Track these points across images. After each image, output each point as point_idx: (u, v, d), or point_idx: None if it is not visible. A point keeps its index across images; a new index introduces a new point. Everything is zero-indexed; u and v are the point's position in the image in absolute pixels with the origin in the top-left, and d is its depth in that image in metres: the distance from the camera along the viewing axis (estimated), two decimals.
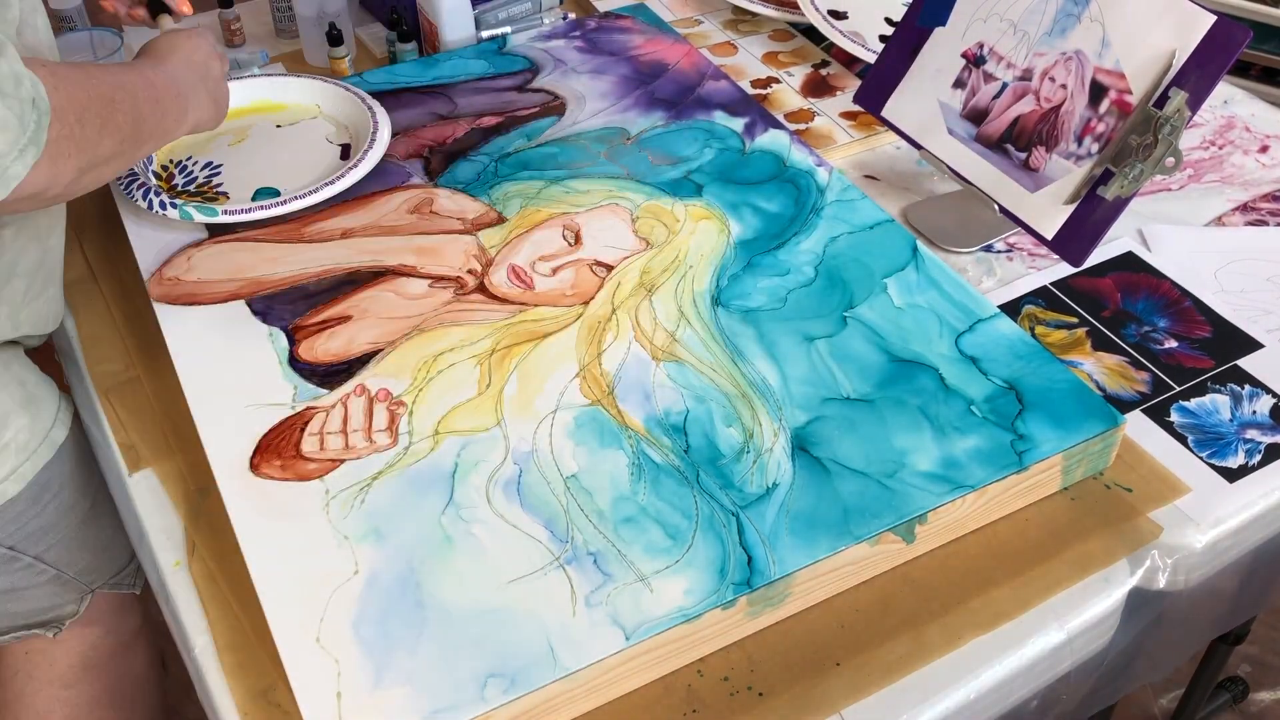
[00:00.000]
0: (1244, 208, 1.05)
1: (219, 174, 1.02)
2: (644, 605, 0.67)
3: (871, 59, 1.12)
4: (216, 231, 0.95)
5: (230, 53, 1.25)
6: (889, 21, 1.23)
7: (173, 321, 0.86)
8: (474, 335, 0.85)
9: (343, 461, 0.76)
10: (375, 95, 1.10)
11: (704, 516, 0.72)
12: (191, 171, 1.02)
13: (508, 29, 1.23)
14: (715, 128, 1.07)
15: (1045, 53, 0.93)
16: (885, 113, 1.05)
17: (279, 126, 1.08)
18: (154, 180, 1.00)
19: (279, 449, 0.77)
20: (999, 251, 1.00)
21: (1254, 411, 0.85)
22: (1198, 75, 0.84)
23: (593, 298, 0.88)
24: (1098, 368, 0.89)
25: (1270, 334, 0.91)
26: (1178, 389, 0.87)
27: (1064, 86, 0.91)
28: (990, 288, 0.96)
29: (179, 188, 1.01)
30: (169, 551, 0.76)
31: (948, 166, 1.00)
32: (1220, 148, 1.12)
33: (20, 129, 0.62)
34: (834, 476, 0.74)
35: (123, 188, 0.97)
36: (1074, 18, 0.91)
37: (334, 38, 1.20)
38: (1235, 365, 0.89)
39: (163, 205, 0.94)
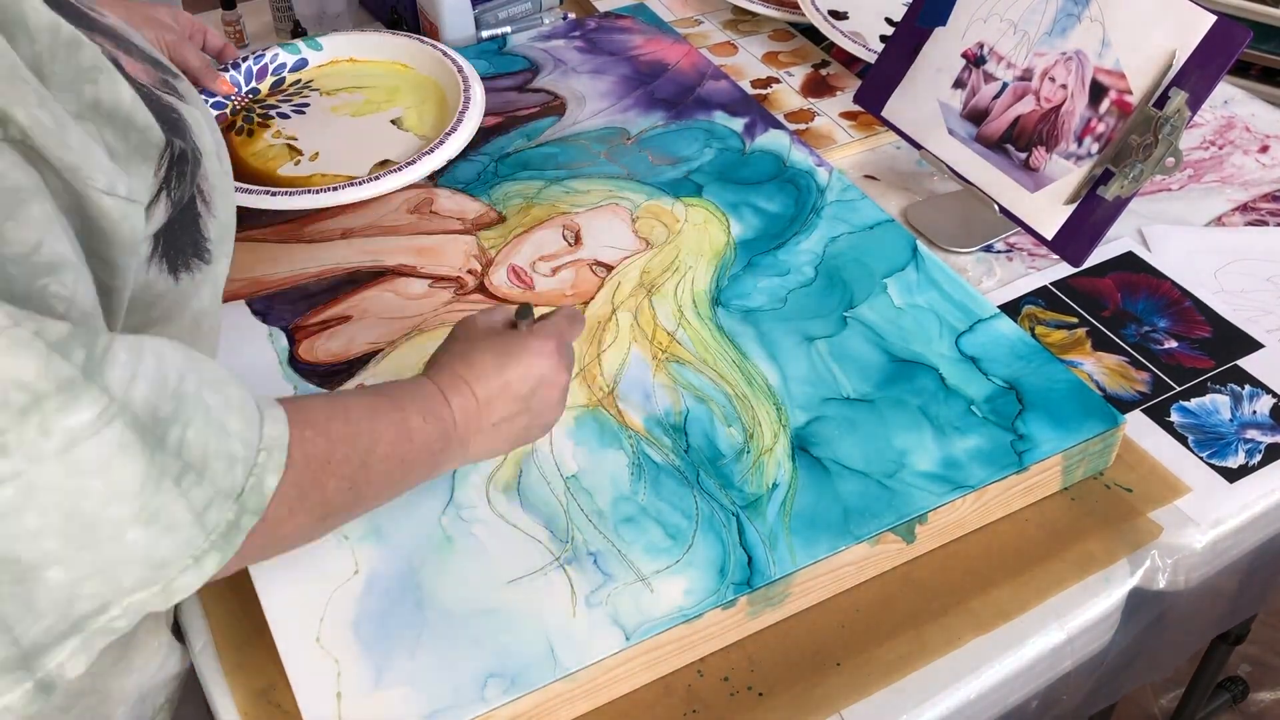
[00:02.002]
0: (1244, 208, 1.05)
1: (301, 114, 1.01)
2: (644, 605, 0.67)
3: (871, 59, 1.12)
4: None
5: None
6: (889, 21, 1.23)
7: None
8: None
9: None
10: None
11: (704, 516, 0.72)
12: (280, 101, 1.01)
13: (508, 29, 1.23)
14: (715, 128, 1.07)
15: (1045, 53, 0.93)
16: (885, 113, 1.05)
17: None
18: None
19: None
20: (999, 251, 1.00)
21: (1254, 411, 0.85)
22: (1198, 75, 0.84)
23: (593, 298, 0.88)
24: (1098, 368, 0.89)
25: (1270, 334, 0.91)
26: (1178, 389, 0.87)
27: (1064, 86, 0.91)
28: (990, 288, 0.96)
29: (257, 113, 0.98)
30: None
31: (948, 166, 1.00)
32: (1220, 148, 1.12)
33: (201, 533, 0.47)
34: (834, 476, 0.74)
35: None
36: (1074, 18, 0.91)
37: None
38: (1235, 365, 0.89)
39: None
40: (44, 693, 0.46)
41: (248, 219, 0.96)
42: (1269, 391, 0.87)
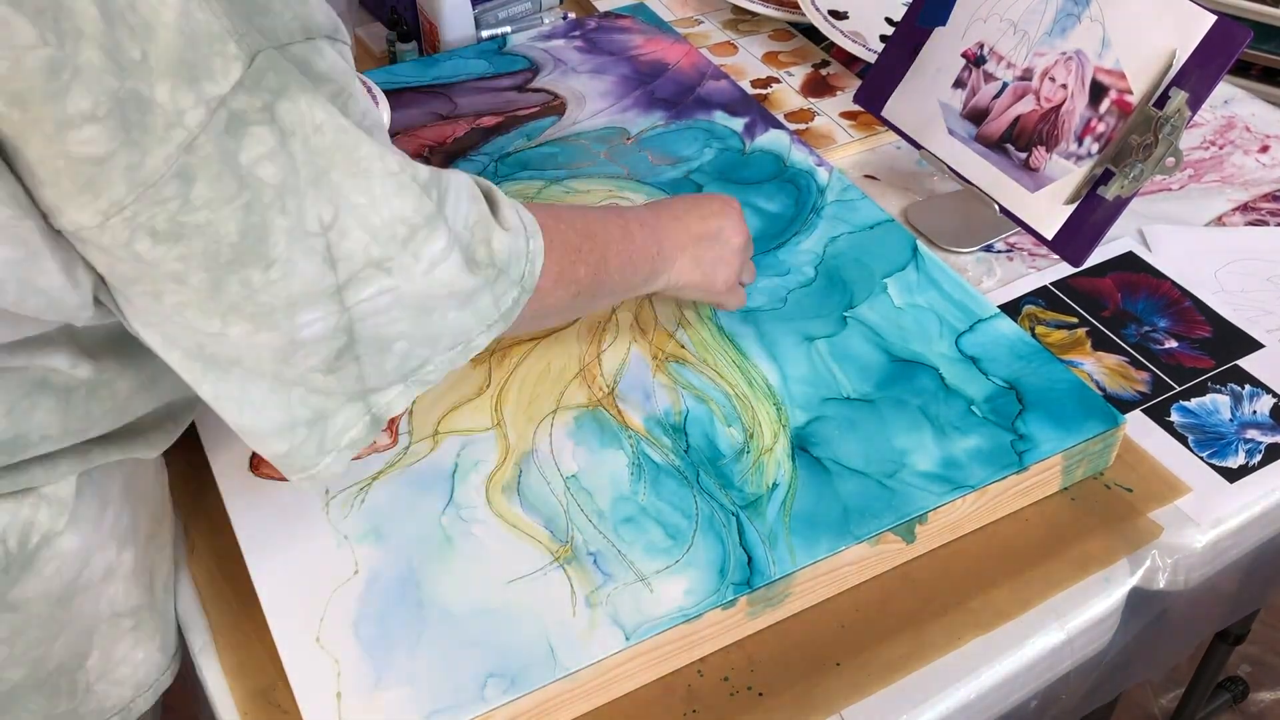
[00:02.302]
0: (1244, 208, 1.05)
1: None
2: (644, 605, 0.67)
3: (872, 59, 1.12)
4: None
5: None
6: (889, 21, 1.23)
7: None
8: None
9: None
10: None
11: (704, 516, 0.72)
12: None
13: (508, 29, 1.23)
14: (715, 128, 1.07)
15: (1045, 52, 0.93)
16: (885, 113, 1.05)
17: None
18: None
19: None
20: (999, 251, 1.00)
21: (1254, 411, 0.85)
22: (1198, 75, 0.84)
23: None
24: (1098, 368, 0.89)
25: (1270, 334, 0.91)
26: (1178, 389, 0.87)
27: (1064, 86, 0.91)
28: (990, 288, 0.96)
29: None
30: None
31: (948, 166, 1.00)
32: (1220, 148, 1.12)
33: (495, 311, 0.62)
34: (834, 476, 0.74)
35: None
36: (1074, 17, 0.91)
37: None
38: (1235, 365, 0.89)
39: None
40: (376, 426, 0.61)
41: None
42: (1269, 391, 0.87)
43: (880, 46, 1.14)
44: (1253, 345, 0.90)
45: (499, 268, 0.61)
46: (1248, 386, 0.87)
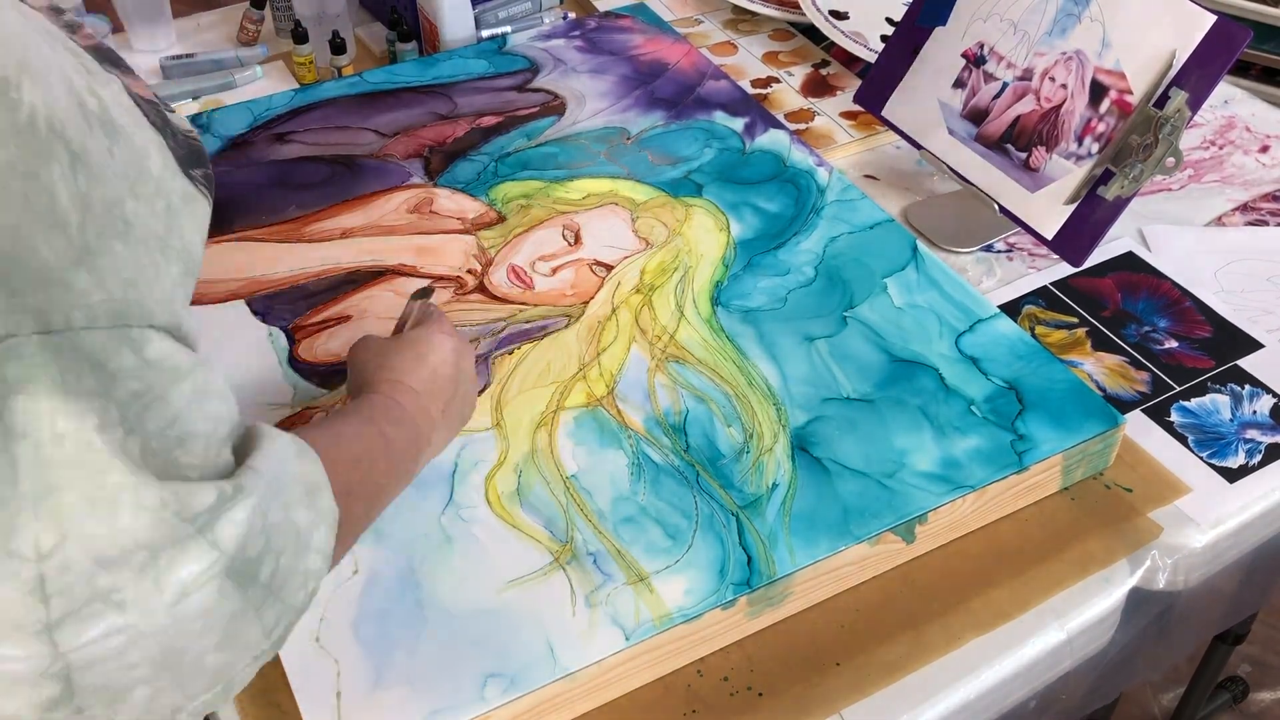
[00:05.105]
0: (1244, 208, 1.05)
1: None
2: (644, 605, 0.67)
3: (872, 59, 1.12)
4: (215, 231, 0.95)
5: (236, 51, 1.25)
6: (890, 21, 1.23)
7: None
8: (473, 335, 0.85)
9: None
10: (375, 95, 1.10)
11: (704, 516, 0.72)
12: None
13: (508, 28, 1.23)
14: (715, 127, 1.07)
15: (1045, 52, 0.93)
16: (885, 113, 1.05)
17: None
18: None
19: None
20: (999, 251, 1.00)
21: (1254, 411, 0.85)
22: (1198, 75, 0.84)
23: (593, 297, 0.88)
24: (1098, 368, 0.89)
25: (1270, 334, 0.91)
26: (1178, 389, 0.87)
27: (1064, 86, 0.91)
28: (990, 288, 0.96)
29: None
30: None
31: (948, 166, 1.00)
32: (1220, 148, 1.12)
33: (265, 641, 0.48)
34: (834, 476, 0.74)
35: None
36: (1074, 17, 0.91)
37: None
38: (1235, 365, 0.89)
39: None
40: None
41: (247, 219, 0.96)
42: (1269, 391, 0.87)
43: (880, 46, 1.14)
44: (1253, 345, 0.90)
45: (273, 590, 0.48)
46: (1248, 386, 0.87)
